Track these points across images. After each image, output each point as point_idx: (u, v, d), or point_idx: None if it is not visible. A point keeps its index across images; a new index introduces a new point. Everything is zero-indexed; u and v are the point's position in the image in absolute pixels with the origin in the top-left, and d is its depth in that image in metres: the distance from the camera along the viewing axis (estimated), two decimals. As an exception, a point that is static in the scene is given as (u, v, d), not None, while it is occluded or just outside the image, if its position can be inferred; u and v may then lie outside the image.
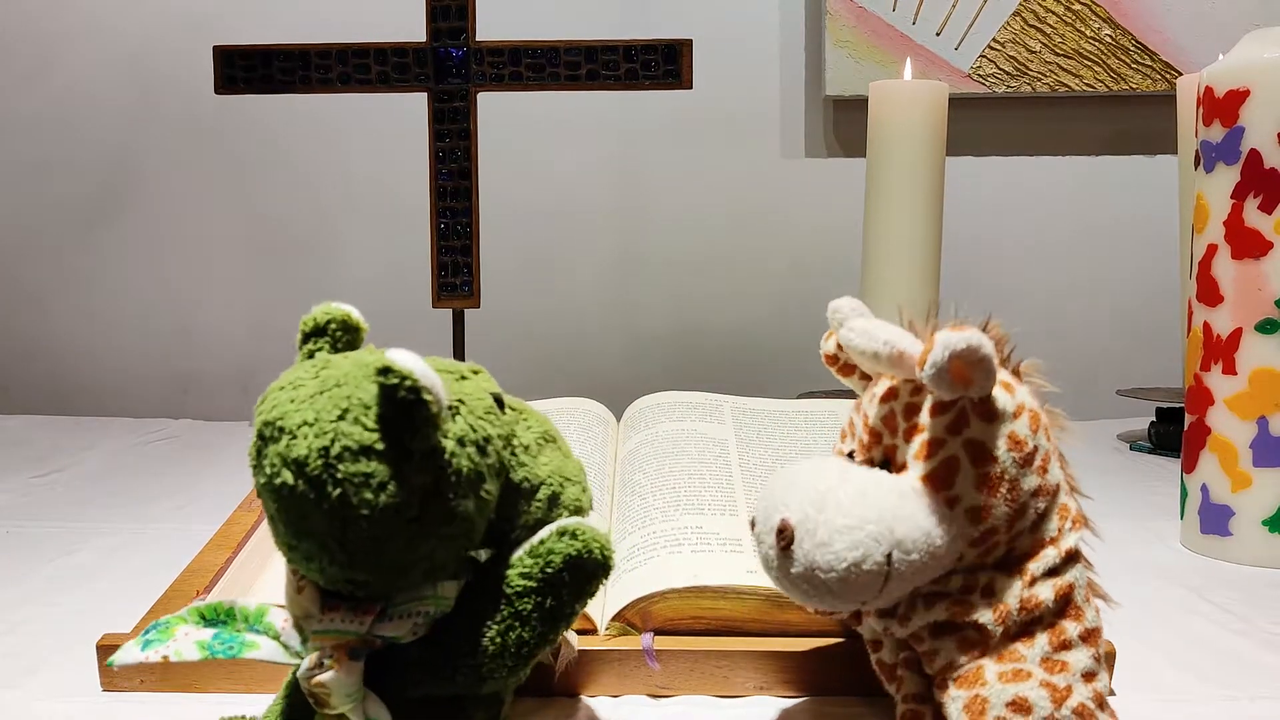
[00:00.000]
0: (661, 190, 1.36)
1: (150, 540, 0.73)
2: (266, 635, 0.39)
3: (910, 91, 0.99)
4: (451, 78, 1.02)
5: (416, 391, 0.34)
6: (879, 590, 0.38)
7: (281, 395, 0.36)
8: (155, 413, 1.24)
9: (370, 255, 1.37)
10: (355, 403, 0.34)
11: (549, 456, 0.42)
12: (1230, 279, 0.68)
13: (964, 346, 0.36)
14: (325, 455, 0.34)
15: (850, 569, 0.37)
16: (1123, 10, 1.28)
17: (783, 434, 0.68)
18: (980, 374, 0.37)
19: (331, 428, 0.34)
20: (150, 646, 0.38)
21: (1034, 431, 0.40)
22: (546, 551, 0.38)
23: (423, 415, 0.34)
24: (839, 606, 0.39)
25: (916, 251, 1.00)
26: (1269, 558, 0.68)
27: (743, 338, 1.36)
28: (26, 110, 1.37)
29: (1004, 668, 0.38)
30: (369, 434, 0.34)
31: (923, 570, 0.38)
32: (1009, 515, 0.39)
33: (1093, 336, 1.36)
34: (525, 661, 0.38)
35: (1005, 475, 0.39)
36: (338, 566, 0.35)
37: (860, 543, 0.37)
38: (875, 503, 0.38)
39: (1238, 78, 0.68)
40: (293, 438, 0.34)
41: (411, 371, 0.33)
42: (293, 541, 0.36)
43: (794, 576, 0.38)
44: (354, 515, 0.34)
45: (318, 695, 0.36)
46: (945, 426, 0.39)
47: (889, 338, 0.39)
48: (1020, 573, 0.40)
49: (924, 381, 0.37)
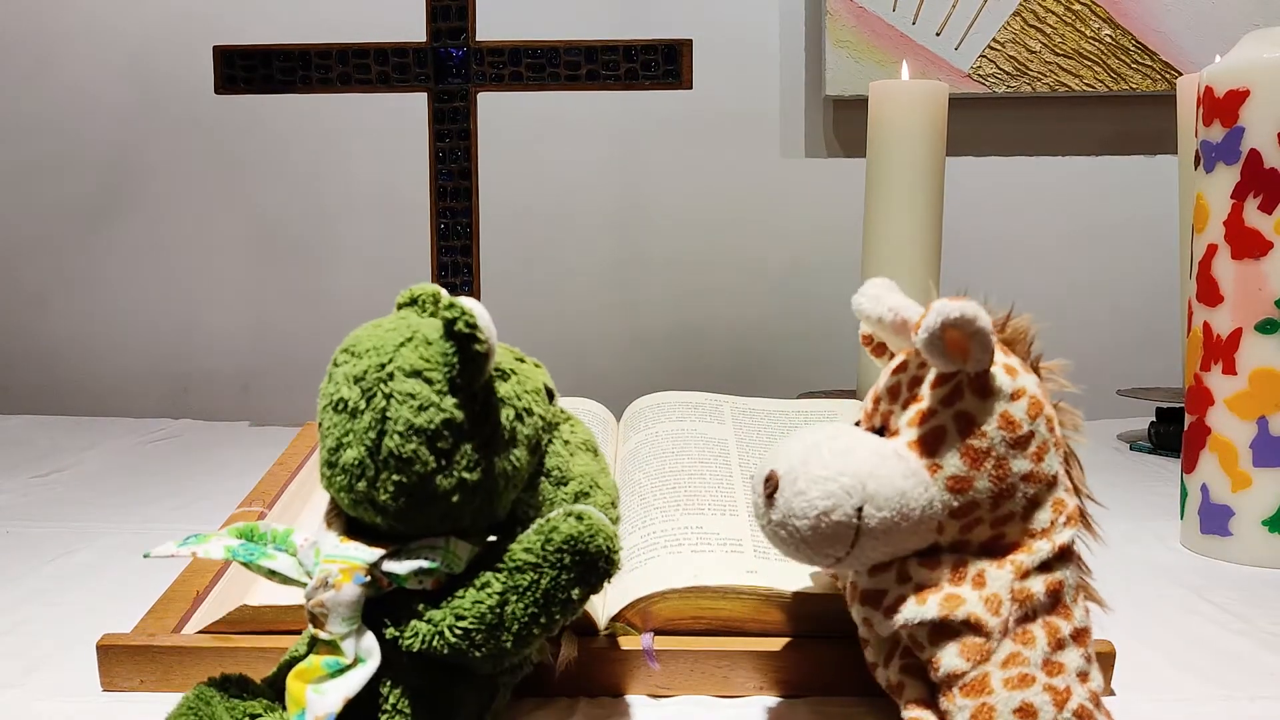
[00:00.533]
0: (661, 190, 1.36)
1: (150, 540, 0.73)
2: (287, 553, 0.40)
3: (910, 91, 0.99)
4: (451, 78, 1.02)
5: (473, 328, 0.38)
6: (849, 544, 0.39)
7: (361, 331, 0.41)
8: (155, 413, 1.24)
9: (370, 255, 1.37)
10: (419, 336, 0.39)
11: (585, 460, 0.45)
12: (1230, 279, 0.68)
13: (958, 315, 0.37)
14: (381, 370, 0.38)
15: (820, 517, 0.38)
16: (1123, 10, 1.28)
17: (783, 434, 0.68)
18: (976, 346, 0.38)
19: (392, 350, 0.39)
20: (185, 544, 0.41)
21: (1032, 418, 0.40)
22: (550, 528, 0.39)
23: (473, 352, 0.38)
24: (812, 558, 0.40)
25: (916, 251, 1.00)
26: (1269, 558, 0.68)
27: (743, 338, 1.36)
28: (27, 110, 1.37)
29: (1009, 673, 0.38)
30: (423, 361, 0.38)
31: (895, 531, 0.39)
32: (992, 493, 0.40)
33: (1093, 336, 1.36)
34: (520, 641, 0.39)
35: (992, 451, 0.39)
36: (365, 482, 0.38)
37: (832, 493, 0.38)
38: (855, 458, 0.39)
39: (1238, 78, 0.68)
40: (358, 358, 0.39)
41: (473, 312, 0.38)
42: (332, 456, 0.39)
43: (773, 523, 0.40)
44: (391, 429, 0.38)
45: (316, 615, 0.38)
46: (940, 398, 0.40)
47: (894, 304, 0.40)
48: (1011, 565, 0.40)
49: (919, 347, 0.38)
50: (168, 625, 0.51)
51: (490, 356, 0.39)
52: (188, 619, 0.52)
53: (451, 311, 0.38)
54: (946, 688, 0.39)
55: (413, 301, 0.42)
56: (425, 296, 0.41)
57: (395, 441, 0.38)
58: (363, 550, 0.39)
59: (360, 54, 1.02)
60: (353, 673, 0.37)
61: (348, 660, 0.37)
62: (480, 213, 1.04)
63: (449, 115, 1.03)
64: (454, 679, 0.40)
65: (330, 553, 0.39)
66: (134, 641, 0.49)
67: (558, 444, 0.45)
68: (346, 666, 0.37)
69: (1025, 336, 0.43)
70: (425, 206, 1.04)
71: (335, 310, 1.36)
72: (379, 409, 0.38)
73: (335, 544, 0.39)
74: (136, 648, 0.48)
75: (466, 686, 0.40)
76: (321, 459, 0.40)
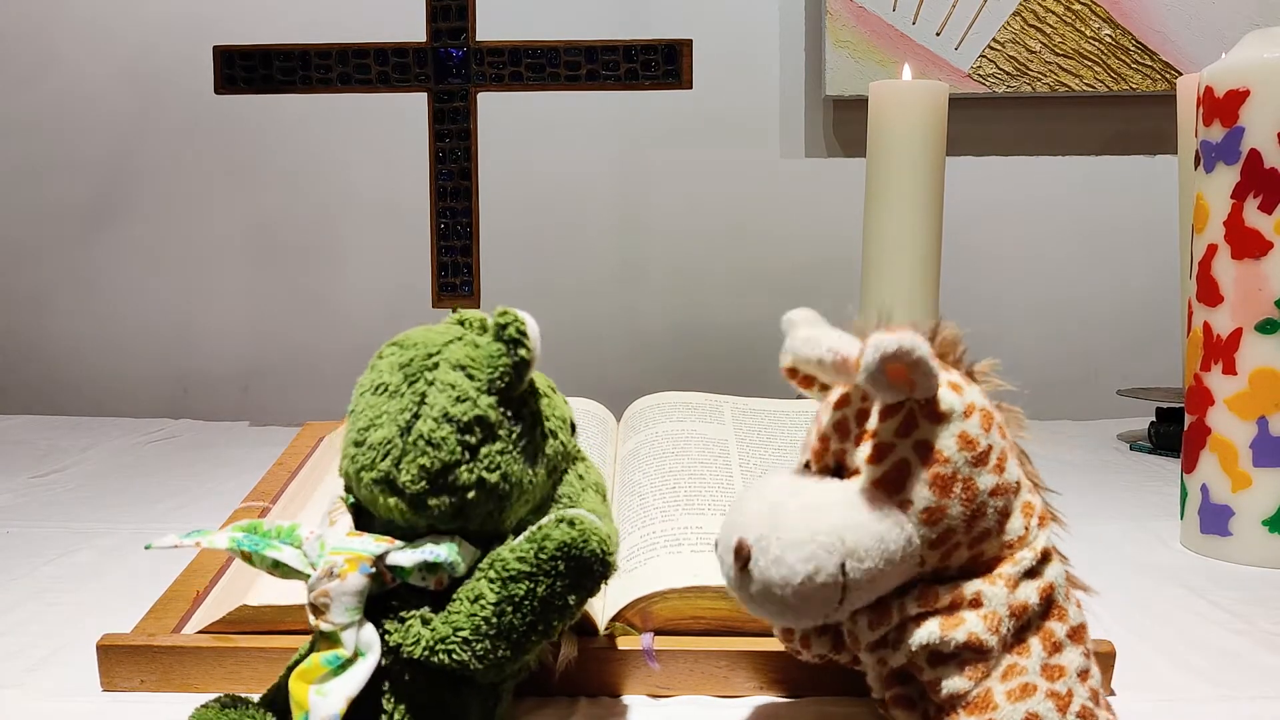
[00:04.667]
0: (661, 191, 1.36)
1: (150, 540, 0.73)
2: (291, 545, 0.40)
3: (910, 91, 0.99)
4: (451, 78, 1.02)
5: (522, 334, 0.40)
6: (838, 602, 0.38)
7: (412, 330, 0.43)
8: (155, 413, 1.25)
9: (370, 255, 1.37)
10: (468, 337, 0.41)
11: (593, 500, 0.46)
12: (1230, 279, 0.68)
13: (895, 349, 0.36)
14: (428, 359, 0.40)
15: (805, 582, 0.37)
16: (1123, 10, 1.28)
17: (783, 434, 0.68)
18: (920, 375, 0.37)
19: (441, 345, 0.41)
20: (189, 536, 0.41)
21: (986, 430, 0.39)
22: (543, 536, 0.39)
23: (519, 357, 0.40)
24: (803, 621, 0.39)
25: (916, 251, 1.00)
26: (1269, 558, 0.68)
27: (743, 338, 1.36)
28: (26, 111, 1.37)
29: (1010, 685, 0.38)
30: (469, 358, 0.40)
31: (880, 577, 0.38)
32: (965, 516, 0.39)
33: (1093, 336, 1.36)
34: (518, 650, 0.39)
35: (958, 475, 0.38)
36: (390, 460, 0.39)
37: (813, 555, 0.37)
38: (825, 514, 0.38)
39: (1238, 78, 0.68)
40: (405, 350, 0.41)
41: (524, 321, 0.40)
42: (361, 435, 0.40)
43: (754, 595, 0.38)
44: (426, 413, 0.39)
45: (318, 605, 0.38)
46: (894, 430, 0.39)
47: (833, 344, 0.39)
48: (1003, 579, 0.39)
49: (862, 385, 0.37)
50: (168, 625, 0.51)
51: (532, 365, 0.41)
52: (188, 619, 0.52)
53: (504, 317, 0.40)
54: (950, 709, 0.38)
55: (460, 323, 0.43)
56: (472, 320, 0.43)
57: (428, 425, 0.39)
58: (369, 543, 0.39)
59: (360, 54, 1.02)
60: (353, 669, 0.37)
61: (348, 653, 0.37)
62: (480, 213, 1.04)
63: (449, 115, 1.03)
64: (457, 688, 0.39)
65: (336, 544, 0.39)
66: (134, 641, 0.49)
67: (572, 476, 0.46)
68: (347, 662, 0.37)
69: (955, 346, 0.42)
70: (425, 206, 1.04)
71: (335, 311, 1.36)
72: (419, 393, 0.39)
73: (341, 536, 0.40)
74: (136, 648, 0.48)
75: (470, 694, 0.40)
76: (347, 440, 0.41)
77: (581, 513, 0.40)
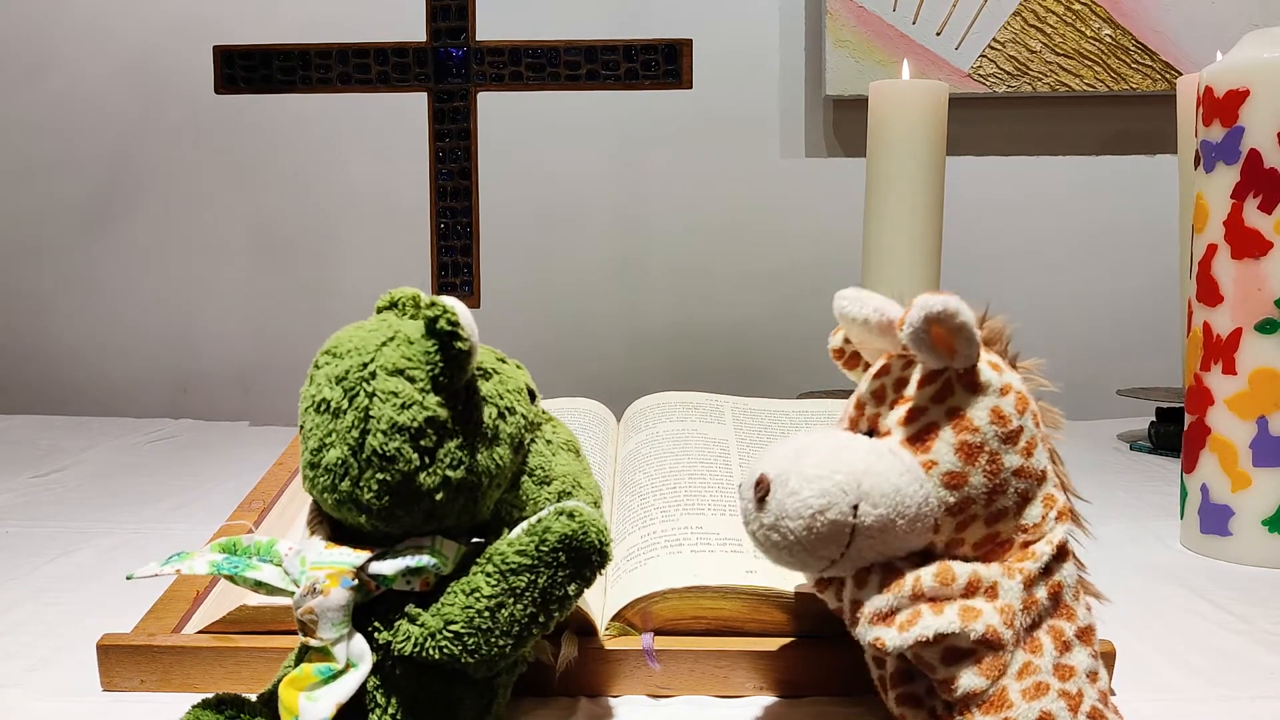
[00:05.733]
0: (661, 190, 1.36)
1: (150, 540, 0.73)
2: (272, 563, 0.40)
3: (910, 91, 0.99)
4: (451, 78, 1.02)
5: (455, 326, 0.38)
6: (845, 545, 0.38)
7: (342, 333, 0.40)
8: (155, 413, 1.25)
9: (370, 255, 1.37)
10: (400, 336, 0.39)
11: (567, 460, 0.45)
12: (1230, 279, 0.68)
13: (941, 309, 0.37)
14: (363, 370, 0.38)
15: (815, 516, 0.38)
16: (1123, 10, 1.28)
17: (783, 434, 0.68)
18: (962, 341, 0.38)
19: (374, 350, 0.39)
20: (169, 563, 0.41)
21: (1019, 413, 0.40)
22: (543, 529, 0.39)
23: (455, 350, 0.38)
24: (806, 561, 0.39)
25: (916, 251, 1.00)
26: (1269, 558, 0.68)
27: (743, 338, 1.36)
28: (27, 111, 1.37)
29: (1025, 684, 0.38)
30: (405, 359, 0.38)
31: (891, 530, 0.38)
32: (986, 489, 0.39)
33: (1093, 336, 1.36)
34: (517, 642, 0.39)
35: (985, 446, 0.39)
36: (349, 482, 0.38)
37: (827, 491, 0.38)
38: (848, 457, 0.39)
39: (1238, 78, 0.68)
40: (340, 359, 0.39)
41: (454, 310, 0.38)
42: (315, 458, 0.39)
43: (765, 527, 0.39)
44: (374, 428, 0.37)
45: (305, 623, 0.37)
46: (930, 396, 0.40)
47: (879, 305, 0.40)
48: (1020, 574, 0.40)
49: (905, 342, 0.37)
50: (168, 625, 0.51)
51: (472, 354, 0.39)
52: (188, 619, 0.52)
53: (433, 310, 0.38)
54: (965, 708, 0.38)
55: (392, 305, 0.42)
56: (405, 299, 0.41)
57: (379, 440, 0.37)
58: (348, 554, 0.38)
59: (360, 54, 1.02)
60: (345, 678, 0.37)
61: (340, 665, 0.37)
62: (480, 213, 1.04)
63: (449, 115, 1.03)
64: (449, 684, 0.39)
65: (316, 559, 0.39)
66: (134, 641, 0.49)
67: (540, 444, 0.44)
68: (339, 672, 0.37)
69: (1001, 336, 0.43)
70: (425, 206, 1.04)
71: (335, 310, 1.36)
72: (361, 408, 0.38)
73: (320, 550, 0.39)
74: (136, 648, 0.48)
75: (463, 690, 0.40)
76: (303, 461, 0.40)
77: (579, 504, 0.40)
